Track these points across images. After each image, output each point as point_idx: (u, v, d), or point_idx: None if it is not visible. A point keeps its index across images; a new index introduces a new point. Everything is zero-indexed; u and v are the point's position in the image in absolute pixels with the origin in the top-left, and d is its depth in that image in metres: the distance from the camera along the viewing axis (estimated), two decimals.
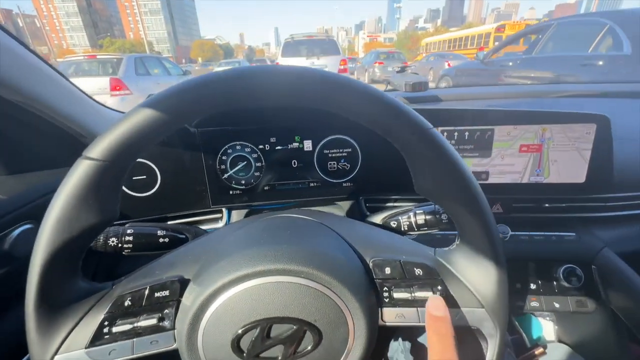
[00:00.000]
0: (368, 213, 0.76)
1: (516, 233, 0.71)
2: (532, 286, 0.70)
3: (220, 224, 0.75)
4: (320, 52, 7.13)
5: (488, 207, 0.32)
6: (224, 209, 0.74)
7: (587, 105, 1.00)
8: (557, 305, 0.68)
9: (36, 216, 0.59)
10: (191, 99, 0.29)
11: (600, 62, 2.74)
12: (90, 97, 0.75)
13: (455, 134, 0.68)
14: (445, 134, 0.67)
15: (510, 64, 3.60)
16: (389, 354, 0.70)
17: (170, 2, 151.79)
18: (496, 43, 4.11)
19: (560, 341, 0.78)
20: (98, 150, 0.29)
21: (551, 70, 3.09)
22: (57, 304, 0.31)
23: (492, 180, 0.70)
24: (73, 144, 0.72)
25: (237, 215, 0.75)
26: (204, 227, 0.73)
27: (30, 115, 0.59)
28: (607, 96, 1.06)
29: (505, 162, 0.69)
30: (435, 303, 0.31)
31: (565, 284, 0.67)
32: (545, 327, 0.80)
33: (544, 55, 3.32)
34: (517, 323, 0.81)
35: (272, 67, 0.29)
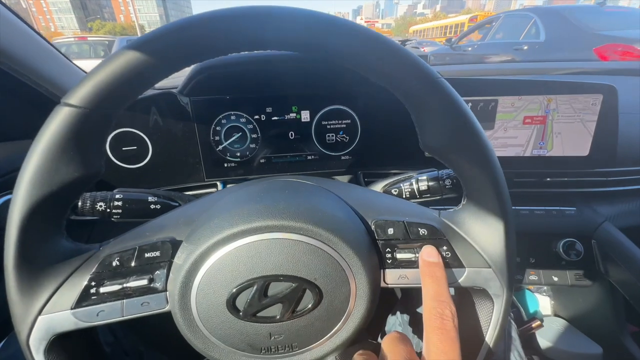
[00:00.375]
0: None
1: (517, 208, 0.70)
2: (532, 260, 0.69)
3: None
4: None
5: (499, 165, 0.31)
6: (218, 183, 0.72)
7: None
8: (555, 279, 0.68)
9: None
10: (188, 38, 0.26)
11: (525, 47, 3.43)
12: (70, 61, 0.71)
13: None
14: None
15: (470, 49, 4.39)
16: (386, 328, 0.70)
17: None
18: (476, 31, 4.89)
19: (556, 315, 0.79)
20: (78, 96, 0.26)
21: (495, 53, 3.86)
22: (39, 263, 0.29)
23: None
24: (51, 109, 0.68)
25: None
26: None
27: (6, 78, 0.55)
28: (613, 74, 1.04)
29: (508, 134, 0.67)
30: (428, 251, 0.32)
31: (565, 258, 0.67)
32: (542, 302, 0.80)
33: (492, 41, 4.19)
34: (514, 298, 0.81)
35: (279, 8, 0.26)
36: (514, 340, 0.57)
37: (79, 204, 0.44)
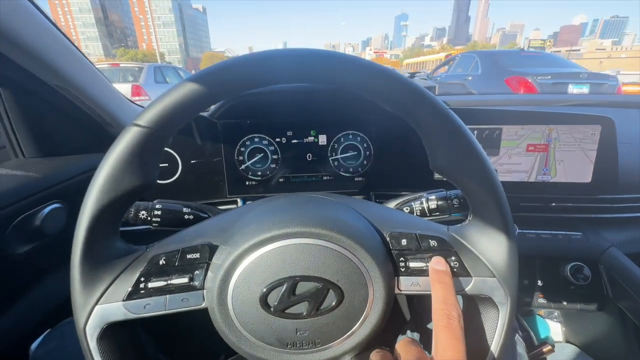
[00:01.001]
0: None
1: (524, 231, 0.73)
2: (540, 283, 0.71)
3: None
4: None
5: (500, 183, 0.35)
6: (239, 199, 0.77)
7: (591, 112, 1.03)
8: (564, 302, 0.69)
9: (64, 196, 0.62)
10: (234, 75, 0.33)
11: (470, 78, 5.01)
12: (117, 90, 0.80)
13: None
14: None
15: (439, 79, 5.94)
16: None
17: (184, 15, 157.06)
18: (445, 66, 6.36)
19: (568, 342, 0.78)
20: (146, 118, 0.32)
21: (453, 81, 5.41)
22: (99, 259, 0.34)
23: (500, 178, 0.72)
24: (100, 132, 0.76)
25: None
26: None
27: (64, 100, 0.63)
28: (612, 106, 1.09)
29: (513, 160, 0.71)
30: (437, 260, 0.35)
31: (574, 282, 0.68)
32: (553, 328, 0.80)
33: (452, 73, 5.74)
34: (525, 322, 0.81)
35: (310, 50, 0.32)
36: (521, 357, 0.57)
37: None
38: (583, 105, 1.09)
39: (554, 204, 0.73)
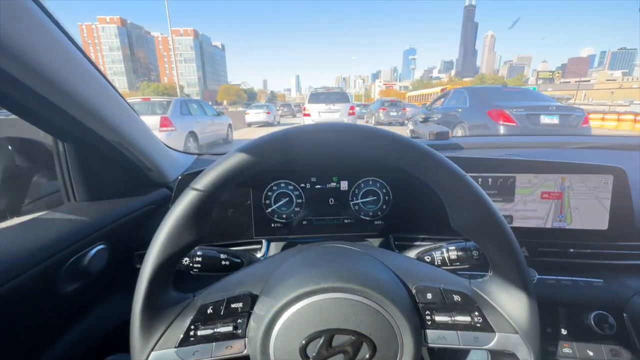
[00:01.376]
0: (397, 251, 0.81)
1: (543, 277, 0.73)
2: (564, 331, 0.70)
3: (259, 254, 0.82)
4: (336, 100, 9.46)
5: (517, 244, 0.38)
6: (263, 240, 0.81)
7: (604, 157, 1.06)
8: (590, 353, 0.68)
9: (107, 237, 0.68)
10: (277, 147, 0.39)
11: (460, 110, 5.82)
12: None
13: (480, 179, 0.74)
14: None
15: (436, 110, 6.84)
16: None
17: (204, 52, 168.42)
18: (442, 99, 7.16)
19: None
20: (203, 183, 0.38)
21: (447, 111, 6.23)
22: (155, 308, 0.38)
23: (516, 224, 0.74)
24: (140, 176, 0.83)
25: (275, 246, 0.82)
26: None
27: (115, 150, 0.71)
28: (627, 149, 1.11)
29: (528, 207, 0.74)
30: None
31: (598, 331, 0.67)
32: None
33: (447, 106, 6.52)
34: None
35: (345, 125, 0.38)
36: None
37: None
38: (597, 147, 1.12)
39: (572, 250, 0.74)
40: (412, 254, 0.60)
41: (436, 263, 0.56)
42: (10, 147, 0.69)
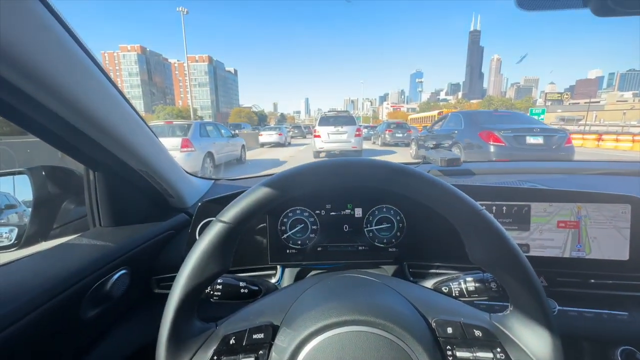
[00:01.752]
0: (411, 278, 0.80)
1: (564, 308, 0.71)
2: None
3: (273, 280, 0.82)
4: (344, 123, 10.14)
5: (537, 278, 0.39)
6: (278, 266, 0.82)
7: (621, 184, 1.04)
8: None
9: (129, 263, 0.70)
10: (301, 180, 0.41)
11: (456, 132, 6.56)
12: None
13: (494, 207, 0.75)
14: (484, 207, 0.75)
15: (434, 133, 7.70)
16: None
17: (217, 77, 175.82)
18: (441, 122, 7.96)
19: None
20: (229, 215, 0.40)
21: (446, 133, 6.99)
22: (180, 338, 0.39)
23: (533, 253, 0.74)
24: (161, 202, 0.86)
25: (289, 272, 0.82)
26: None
27: (140, 178, 0.75)
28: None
29: (545, 236, 0.73)
30: None
31: None
32: None
33: (445, 128, 7.26)
34: None
35: (363, 161, 0.40)
36: None
37: None
38: (613, 174, 1.10)
39: (593, 281, 0.72)
40: (429, 284, 0.60)
41: (454, 294, 0.56)
42: (43, 173, 0.73)
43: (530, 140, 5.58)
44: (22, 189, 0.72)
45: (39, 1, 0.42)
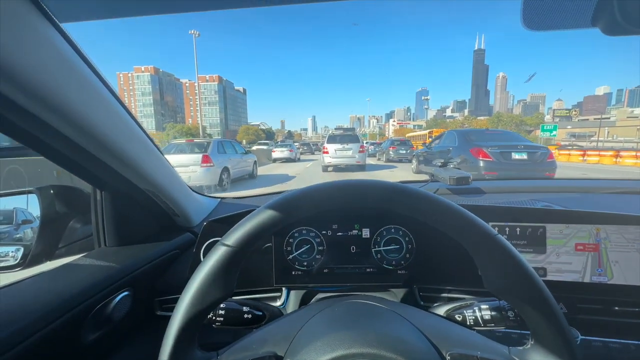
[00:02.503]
0: (422, 302, 0.77)
1: (588, 338, 0.67)
2: None
3: (278, 302, 0.80)
4: (349, 141, 11.23)
5: (558, 308, 0.36)
6: (283, 289, 0.79)
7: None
8: None
9: (132, 284, 0.69)
10: (306, 204, 0.40)
11: (451, 148, 7.11)
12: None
13: (507, 229, 0.72)
14: (496, 228, 0.72)
15: (432, 149, 8.27)
16: None
17: (227, 95, 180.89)
18: (438, 139, 8.59)
19: None
20: (233, 238, 0.39)
21: (442, 150, 7.57)
22: None
23: (550, 277, 0.70)
24: (167, 222, 0.86)
25: (294, 294, 0.80)
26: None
27: (146, 198, 0.75)
28: None
29: (562, 260, 0.70)
30: None
31: None
32: None
33: (442, 144, 7.86)
34: None
35: (371, 182, 0.39)
36: None
37: None
38: (632, 193, 1.06)
39: (617, 308, 0.68)
40: (441, 310, 0.57)
41: (468, 323, 0.52)
42: (52, 192, 0.74)
43: (515, 156, 6.23)
44: (32, 208, 0.72)
45: (48, 21, 0.43)
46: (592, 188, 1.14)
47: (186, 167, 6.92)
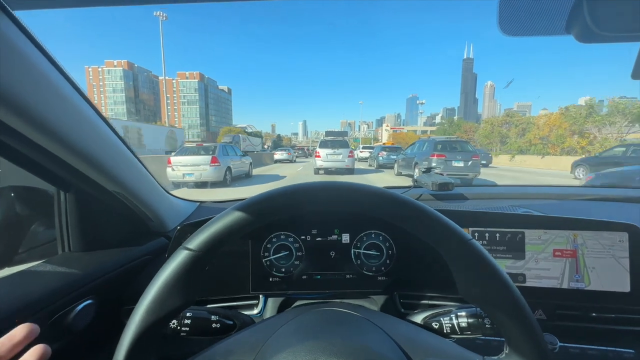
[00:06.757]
0: (402, 310, 0.75)
1: (566, 345, 0.66)
2: None
3: (256, 310, 0.77)
4: (339, 146, 12.44)
5: (534, 317, 0.35)
6: (260, 296, 0.76)
7: (618, 211, 1.02)
8: None
9: (96, 292, 0.65)
10: (272, 205, 0.38)
11: (423, 154, 9.59)
12: (159, 184, 0.89)
13: (486, 234, 0.71)
14: (476, 234, 0.71)
15: (407, 155, 10.61)
16: None
17: (208, 94, 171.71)
18: (411, 146, 10.97)
19: None
20: (196, 242, 0.37)
21: (412, 156, 10.11)
22: None
23: (529, 283, 0.69)
24: (139, 225, 0.82)
25: (272, 302, 0.77)
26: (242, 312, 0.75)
27: (115, 200, 0.71)
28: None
29: (541, 265, 0.69)
30: None
31: None
32: None
33: (412, 151, 10.36)
34: None
35: (344, 184, 0.37)
36: None
37: None
38: (609, 200, 1.08)
39: (594, 314, 0.68)
40: (419, 318, 0.55)
41: (445, 331, 0.51)
42: (12, 194, 0.70)
43: (455, 164, 8.91)
44: None
45: None
46: (570, 195, 1.16)
47: (198, 166, 8.33)
